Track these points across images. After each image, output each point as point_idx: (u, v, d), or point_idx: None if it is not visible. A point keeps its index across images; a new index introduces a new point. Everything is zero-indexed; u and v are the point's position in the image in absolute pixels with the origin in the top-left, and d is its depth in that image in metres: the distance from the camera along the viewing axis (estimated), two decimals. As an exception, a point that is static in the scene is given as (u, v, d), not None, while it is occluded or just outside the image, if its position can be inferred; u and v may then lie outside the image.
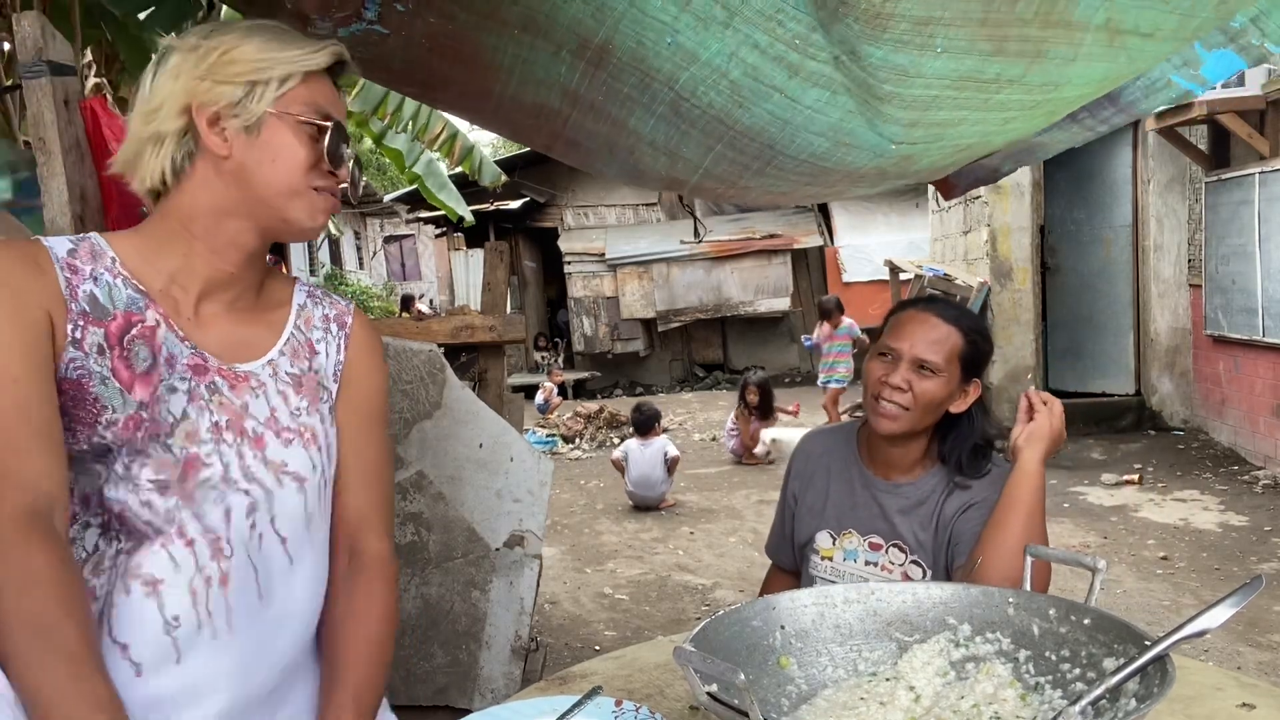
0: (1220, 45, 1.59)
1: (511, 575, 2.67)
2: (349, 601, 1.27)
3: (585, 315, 13.88)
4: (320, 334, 1.31)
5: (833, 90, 1.45)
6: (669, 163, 1.82)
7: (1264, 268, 6.21)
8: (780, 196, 2.03)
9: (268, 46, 1.18)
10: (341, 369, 1.32)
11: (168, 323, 1.18)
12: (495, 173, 7.16)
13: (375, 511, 1.32)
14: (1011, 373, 8.09)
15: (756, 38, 1.40)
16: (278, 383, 1.24)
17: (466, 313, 3.22)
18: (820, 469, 1.83)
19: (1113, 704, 0.96)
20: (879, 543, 1.72)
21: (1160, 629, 1.90)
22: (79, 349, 1.12)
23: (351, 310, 1.36)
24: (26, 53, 1.70)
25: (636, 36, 1.49)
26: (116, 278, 1.16)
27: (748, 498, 6.72)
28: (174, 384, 1.17)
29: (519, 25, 1.57)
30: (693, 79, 1.53)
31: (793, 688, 1.16)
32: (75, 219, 1.71)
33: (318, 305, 1.34)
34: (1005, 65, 1.33)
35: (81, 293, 1.13)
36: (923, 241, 11.59)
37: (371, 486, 1.33)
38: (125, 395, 1.13)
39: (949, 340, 1.64)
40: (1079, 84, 1.43)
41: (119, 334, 1.14)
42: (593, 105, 1.69)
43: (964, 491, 1.67)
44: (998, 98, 1.41)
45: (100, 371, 1.12)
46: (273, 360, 1.25)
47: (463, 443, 2.67)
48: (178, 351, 1.18)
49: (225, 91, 1.15)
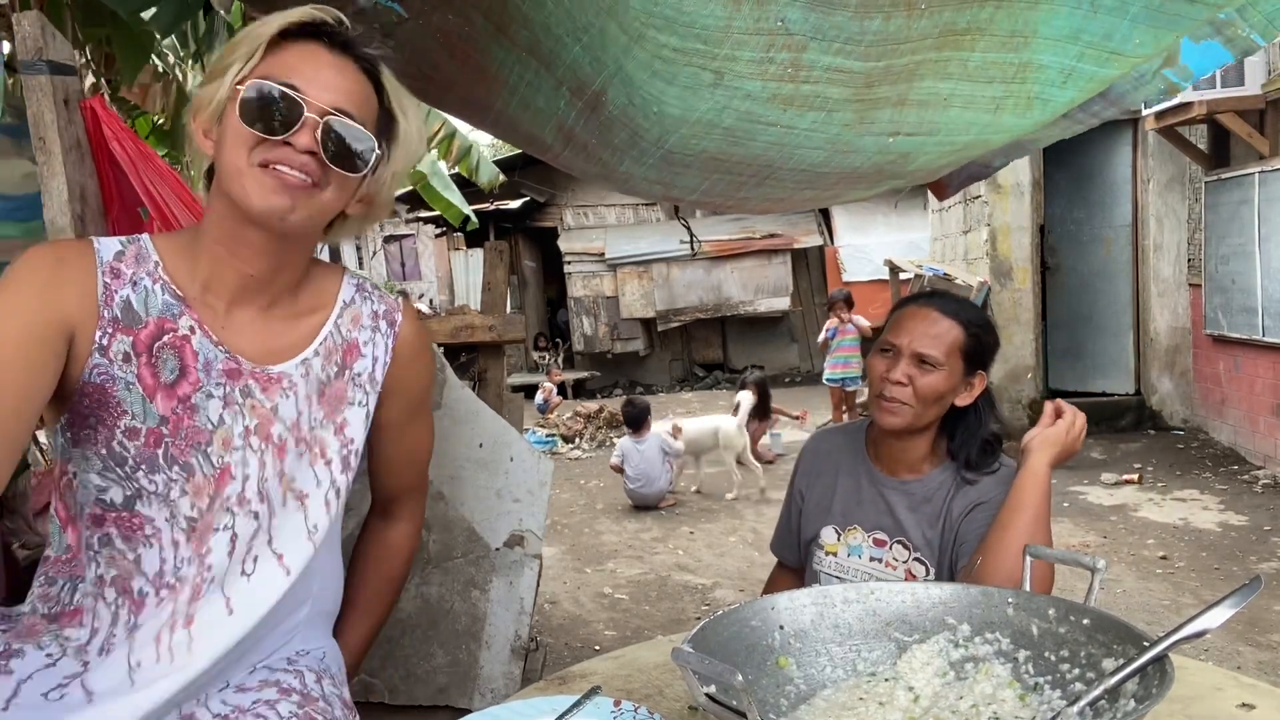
0: (1207, 37, 1.59)
1: (511, 575, 2.67)
2: (373, 548, 1.46)
3: (585, 315, 13.88)
4: (369, 334, 1.29)
5: (828, 110, 1.47)
6: (664, 190, 1.84)
7: (1264, 267, 6.21)
8: (777, 204, 2.04)
9: (244, 30, 1.16)
10: (389, 369, 1.30)
11: (202, 328, 1.17)
12: (493, 173, 7.15)
13: (411, 484, 1.45)
14: (1011, 372, 8.09)
15: (747, 87, 1.41)
16: (307, 385, 1.23)
17: (466, 312, 3.22)
18: (828, 466, 1.83)
19: (1112, 704, 0.96)
20: (883, 539, 1.72)
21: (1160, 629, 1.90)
22: (104, 356, 1.12)
23: (401, 306, 1.34)
24: (26, 52, 1.70)
25: (626, 95, 1.50)
26: (156, 283, 1.16)
27: (748, 498, 6.71)
28: (210, 390, 1.17)
29: (526, 48, 1.57)
30: (682, 139, 1.54)
31: (791, 688, 1.16)
32: (75, 219, 1.71)
33: (366, 300, 1.31)
34: (974, 13, 1.38)
35: (118, 299, 1.14)
36: (922, 241, 11.58)
37: (410, 468, 1.44)
38: (147, 404, 1.14)
39: (949, 334, 1.64)
40: (1049, 38, 1.45)
41: (148, 342, 1.14)
42: (585, 146, 1.71)
43: (971, 488, 1.66)
44: (974, 58, 1.43)
45: (125, 377, 1.13)
46: (306, 360, 1.23)
47: (463, 442, 2.67)
48: (213, 357, 1.17)
49: (208, 92, 1.14)
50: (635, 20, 1.31)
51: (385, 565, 1.46)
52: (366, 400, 1.28)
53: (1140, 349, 8.01)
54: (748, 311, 13.53)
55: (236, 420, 1.18)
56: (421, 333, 1.37)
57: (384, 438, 1.35)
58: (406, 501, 1.46)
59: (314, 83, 1.11)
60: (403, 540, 1.47)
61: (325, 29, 1.14)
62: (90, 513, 1.18)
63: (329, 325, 1.26)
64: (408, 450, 1.41)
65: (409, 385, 1.34)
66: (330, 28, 1.15)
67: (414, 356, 1.34)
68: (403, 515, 1.46)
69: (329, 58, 1.14)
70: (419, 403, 1.39)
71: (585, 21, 1.41)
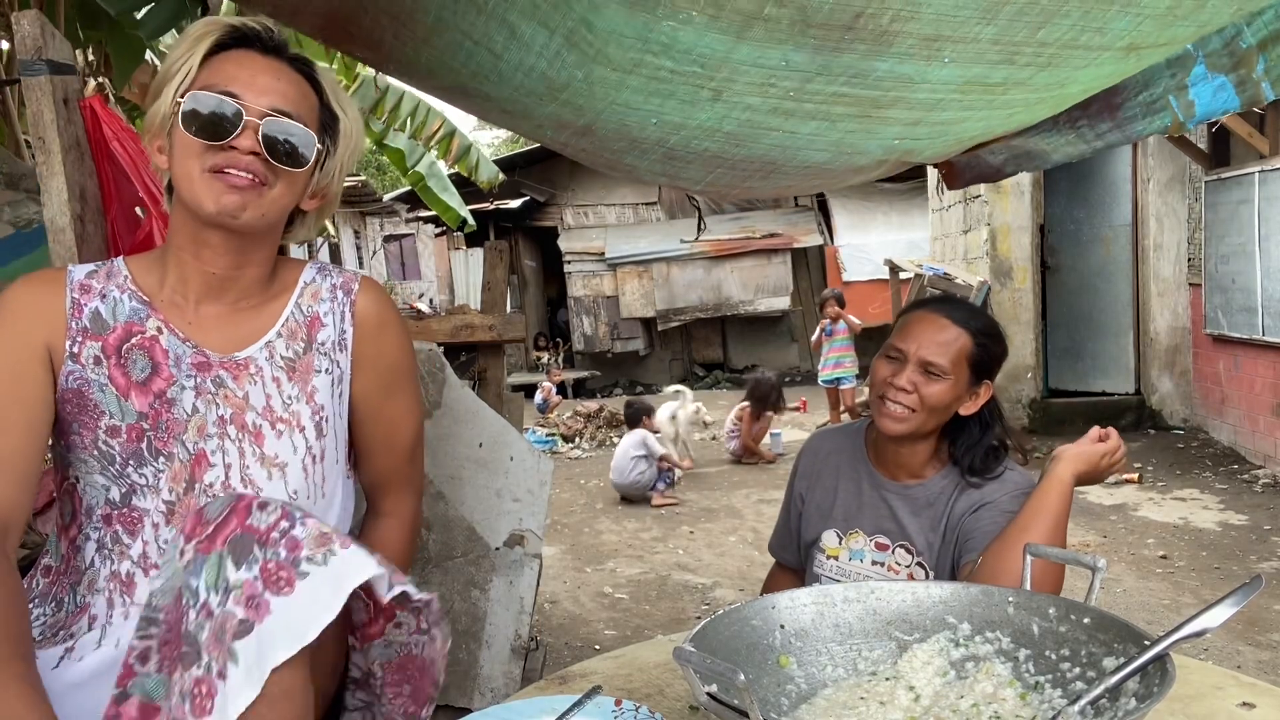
0: (1223, 70, 1.59)
1: (511, 574, 2.67)
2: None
3: (585, 314, 13.88)
4: (328, 305, 1.32)
5: (831, 120, 1.45)
6: (669, 180, 1.85)
7: (1264, 267, 6.21)
8: (784, 190, 2.05)
9: (175, 46, 1.22)
10: (355, 337, 1.32)
11: (169, 327, 1.24)
12: (493, 172, 7.14)
13: (395, 472, 1.39)
14: (1011, 372, 8.09)
15: (748, 100, 1.40)
16: (273, 367, 1.26)
17: (466, 312, 3.22)
18: (828, 468, 1.81)
19: (1113, 703, 0.96)
20: (885, 543, 1.71)
21: (1160, 628, 1.90)
22: (76, 362, 1.20)
23: (359, 279, 1.36)
24: (26, 51, 1.69)
25: (619, 121, 1.50)
26: (124, 293, 1.24)
27: (748, 497, 6.71)
28: (184, 383, 1.22)
29: (499, 109, 1.59)
30: (684, 139, 1.54)
31: (792, 687, 1.16)
32: (75, 218, 1.71)
33: (326, 277, 1.35)
34: (1013, 71, 1.32)
35: (86, 311, 1.22)
36: (923, 240, 11.58)
37: (390, 451, 1.38)
38: (123, 402, 1.20)
39: (957, 342, 1.62)
40: (1085, 82, 1.43)
41: (116, 344, 1.22)
42: (584, 150, 1.72)
43: (975, 491, 1.65)
44: (1003, 98, 1.40)
45: (98, 380, 1.20)
46: (270, 343, 1.27)
47: (462, 442, 2.67)
48: (182, 352, 1.23)
49: (154, 110, 1.21)
50: (629, 52, 1.29)
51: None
52: (333, 367, 1.30)
53: (1140, 349, 8.00)
54: (748, 311, 13.53)
55: (210, 409, 1.23)
56: (384, 303, 1.37)
57: (360, 416, 1.35)
58: (391, 495, 1.41)
59: (251, 87, 1.18)
60: (387, 536, 1.39)
61: (256, 36, 1.21)
62: (101, 513, 1.22)
63: (290, 306, 1.30)
64: (385, 431, 1.38)
65: (378, 356, 1.34)
66: (260, 35, 1.22)
67: (379, 326, 1.35)
68: (388, 510, 1.41)
69: (263, 63, 1.21)
70: (393, 378, 1.37)
71: (563, 80, 1.40)
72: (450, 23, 1.41)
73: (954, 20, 1.17)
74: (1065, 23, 1.19)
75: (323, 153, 1.26)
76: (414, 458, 1.43)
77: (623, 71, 1.33)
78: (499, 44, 1.40)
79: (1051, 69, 1.31)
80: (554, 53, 1.35)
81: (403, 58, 1.60)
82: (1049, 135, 1.92)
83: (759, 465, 7.81)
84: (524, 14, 1.32)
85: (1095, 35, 1.22)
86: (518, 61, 1.41)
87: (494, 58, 1.43)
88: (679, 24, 1.21)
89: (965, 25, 1.19)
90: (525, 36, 1.35)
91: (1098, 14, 1.17)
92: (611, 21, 1.24)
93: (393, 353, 1.37)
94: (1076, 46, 1.24)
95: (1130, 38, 1.25)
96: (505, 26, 1.36)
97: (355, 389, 1.33)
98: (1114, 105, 1.78)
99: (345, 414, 1.33)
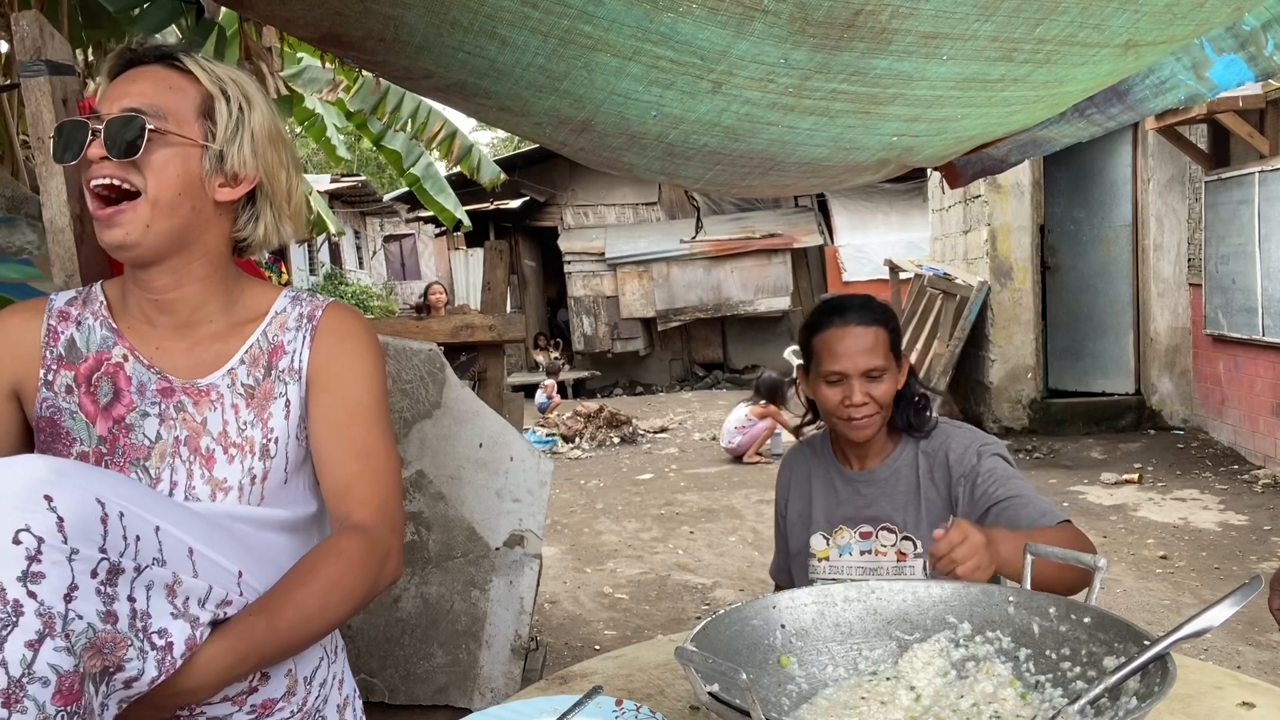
0: (1230, 50, 1.59)
1: (511, 575, 2.67)
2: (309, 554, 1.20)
3: (585, 314, 13.88)
4: (293, 334, 1.30)
5: (830, 116, 1.46)
6: (668, 178, 1.86)
7: (1264, 267, 6.21)
8: (783, 189, 2.05)
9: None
10: (308, 361, 1.28)
11: (134, 354, 1.26)
12: (494, 172, 7.14)
13: (358, 482, 1.24)
14: (1011, 372, 8.09)
15: (747, 94, 1.41)
16: (233, 394, 1.26)
17: (466, 312, 3.22)
18: (802, 478, 1.91)
19: (1113, 703, 0.96)
20: (869, 530, 1.78)
21: (1160, 628, 1.90)
22: (50, 390, 1.24)
23: (326, 305, 1.33)
24: (25, 52, 1.69)
25: (619, 114, 1.50)
26: (97, 320, 1.27)
27: (748, 497, 6.72)
28: (146, 409, 1.24)
29: (497, 107, 1.60)
30: (683, 134, 1.55)
31: (793, 687, 1.16)
32: (74, 219, 1.71)
33: (297, 306, 1.33)
34: (1012, 68, 1.33)
35: (63, 339, 1.26)
36: (922, 241, 11.58)
37: (351, 460, 1.25)
38: (90, 428, 1.23)
39: (879, 339, 1.73)
40: (1084, 80, 1.43)
41: (88, 374, 1.25)
42: (582, 148, 1.72)
43: (929, 443, 1.75)
44: (1002, 94, 1.41)
45: (69, 408, 1.23)
46: (232, 369, 1.27)
47: (463, 442, 2.67)
48: (146, 379, 1.25)
49: None
50: (630, 39, 1.30)
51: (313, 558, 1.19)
52: (286, 390, 1.27)
53: (1140, 349, 8.00)
54: (748, 311, 13.52)
55: (170, 433, 1.23)
56: (347, 324, 1.31)
57: (320, 434, 1.26)
58: (351, 510, 1.24)
59: (107, 99, 1.20)
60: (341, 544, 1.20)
61: (138, 57, 1.23)
62: None
63: (257, 334, 1.29)
64: (348, 442, 1.25)
65: (335, 376, 1.27)
66: (149, 52, 1.23)
67: (334, 346, 1.28)
68: (342, 532, 1.23)
69: (131, 73, 1.21)
70: (355, 397, 1.27)
71: (562, 70, 1.40)
72: (437, 42, 1.42)
73: (952, 17, 1.18)
74: (1063, 19, 1.19)
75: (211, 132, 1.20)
76: (379, 473, 1.27)
77: (623, 58, 1.33)
78: (492, 52, 1.40)
79: (1050, 66, 1.32)
80: (551, 50, 1.36)
81: (398, 66, 1.61)
82: (1057, 125, 1.92)
83: (759, 465, 7.82)
84: (513, 25, 1.32)
85: (1093, 32, 1.23)
86: (514, 60, 1.41)
87: (489, 61, 1.44)
88: (678, 15, 1.22)
89: (964, 22, 1.19)
90: (518, 43, 1.36)
91: (1096, 10, 1.18)
92: (612, 10, 1.24)
93: (354, 374, 1.29)
94: (1074, 43, 1.25)
95: (1128, 35, 1.25)
96: (495, 39, 1.36)
97: (313, 409, 1.27)
98: (1121, 92, 1.78)
99: (302, 436, 1.27)
